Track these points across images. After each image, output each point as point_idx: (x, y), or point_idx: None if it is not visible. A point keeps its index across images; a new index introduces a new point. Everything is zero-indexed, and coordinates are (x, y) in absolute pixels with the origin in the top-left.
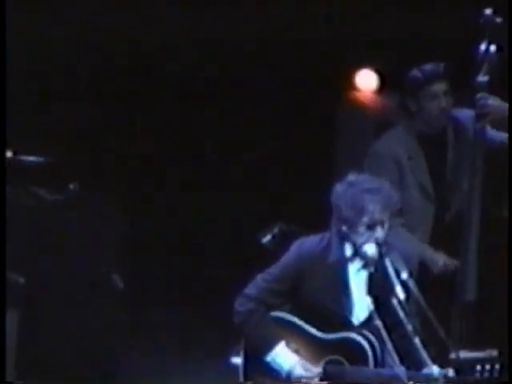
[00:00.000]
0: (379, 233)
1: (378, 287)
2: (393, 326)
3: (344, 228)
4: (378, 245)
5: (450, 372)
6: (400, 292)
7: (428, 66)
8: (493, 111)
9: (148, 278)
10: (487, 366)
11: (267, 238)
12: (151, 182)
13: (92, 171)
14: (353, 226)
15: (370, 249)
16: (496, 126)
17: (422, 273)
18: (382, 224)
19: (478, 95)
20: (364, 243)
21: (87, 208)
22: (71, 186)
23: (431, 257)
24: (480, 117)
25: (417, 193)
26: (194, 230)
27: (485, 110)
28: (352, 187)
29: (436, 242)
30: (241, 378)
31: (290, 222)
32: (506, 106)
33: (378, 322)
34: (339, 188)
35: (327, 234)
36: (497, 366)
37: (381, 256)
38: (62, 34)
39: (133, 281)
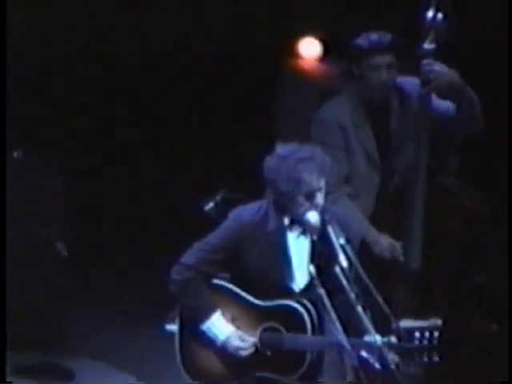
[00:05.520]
0: (319, 199)
1: (321, 255)
2: (335, 293)
3: (283, 200)
4: (321, 212)
5: (393, 339)
6: (343, 260)
7: (374, 36)
8: (438, 77)
9: (88, 244)
10: (426, 334)
11: (209, 206)
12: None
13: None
14: (292, 198)
15: (313, 216)
16: (441, 93)
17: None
18: (320, 190)
19: (424, 61)
20: (305, 212)
21: (31, 176)
22: (15, 154)
23: (374, 238)
24: (425, 83)
25: (363, 160)
26: (136, 197)
27: (430, 75)
28: (284, 160)
29: (381, 209)
30: (176, 345)
31: (234, 190)
32: (451, 72)
33: (321, 290)
34: (271, 162)
35: (264, 204)
36: (436, 334)
37: (323, 223)
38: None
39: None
